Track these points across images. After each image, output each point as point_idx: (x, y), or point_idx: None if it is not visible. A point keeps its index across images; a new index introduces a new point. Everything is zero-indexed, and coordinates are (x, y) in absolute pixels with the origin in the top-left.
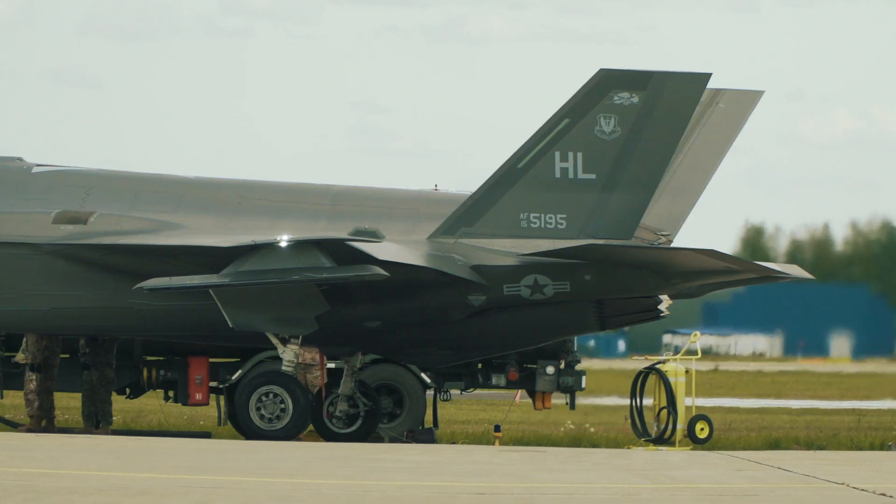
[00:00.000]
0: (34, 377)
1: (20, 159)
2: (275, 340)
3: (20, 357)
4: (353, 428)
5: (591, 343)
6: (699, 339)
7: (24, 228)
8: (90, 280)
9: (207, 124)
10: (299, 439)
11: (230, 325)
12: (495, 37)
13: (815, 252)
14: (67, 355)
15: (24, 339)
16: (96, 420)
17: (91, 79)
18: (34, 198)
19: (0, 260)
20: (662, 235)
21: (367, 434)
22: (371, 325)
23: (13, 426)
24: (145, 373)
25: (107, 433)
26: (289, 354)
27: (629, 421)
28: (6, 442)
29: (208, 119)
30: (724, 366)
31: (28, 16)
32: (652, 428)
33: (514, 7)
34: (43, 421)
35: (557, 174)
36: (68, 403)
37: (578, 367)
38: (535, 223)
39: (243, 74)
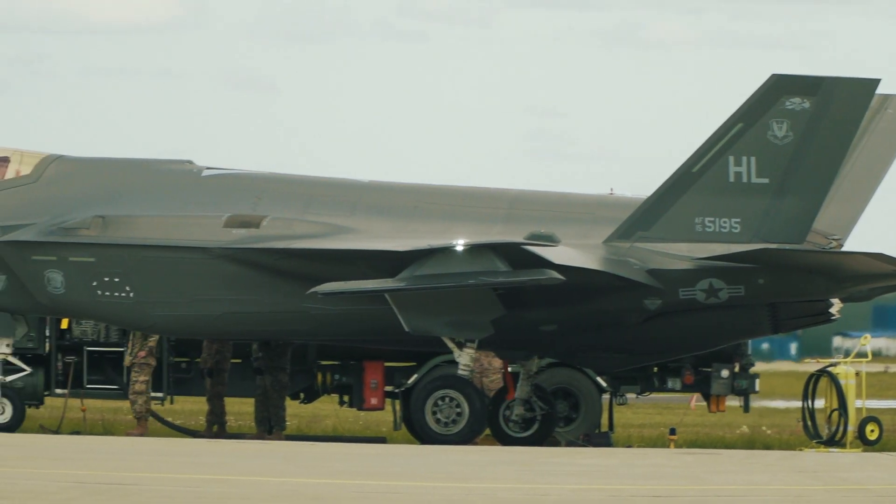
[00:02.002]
0: (139, 377)
1: (190, 162)
2: (451, 344)
3: (126, 359)
4: (530, 432)
5: (765, 346)
6: (869, 342)
7: (195, 232)
8: (263, 284)
9: (381, 128)
10: (475, 443)
11: (406, 329)
12: (670, 42)
13: None
14: (239, 360)
15: (130, 338)
16: (270, 425)
17: (264, 81)
18: (204, 201)
19: (171, 264)
20: (833, 240)
21: (543, 438)
22: (547, 329)
23: (190, 434)
24: (320, 377)
25: (280, 438)
26: (465, 358)
27: (801, 423)
28: (179, 448)
29: (382, 122)
30: (895, 368)
31: (200, 17)
32: (823, 430)
33: (688, 12)
34: (215, 427)
35: (731, 178)
36: (240, 409)
37: (752, 370)
38: (709, 227)
39: (418, 77)
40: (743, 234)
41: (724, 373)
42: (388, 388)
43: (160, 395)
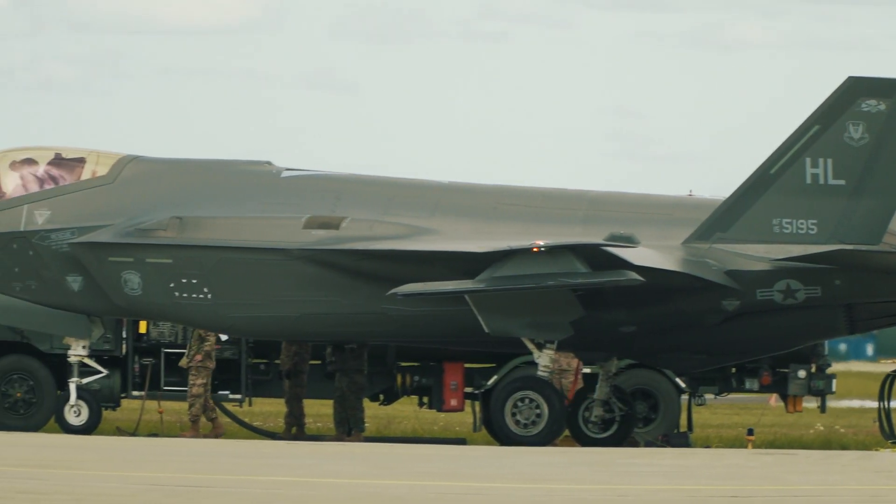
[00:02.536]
0: (196, 381)
1: (269, 163)
2: (531, 345)
3: (183, 361)
4: (609, 433)
5: (842, 347)
6: None
7: (274, 234)
8: (342, 285)
9: (463, 129)
10: (554, 444)
11: (486, 331)
12: (749, 44)
13: None
14: (318, 362)
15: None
16: (349, 427)
17: (345, 82)
18: (284, 203)
19: (249, 265)
20: None
21: (622, 438)
22: (626, 330)
23: (268, 436)
24: (399, 379)
25: (359, 440)
26: (545, 359)
27: (877, 423)
28: (257, 450)
29: (463, 124)
30: None
31: (280, 18)
32: None
33: (768, 15)
34: (293, 428)
35: (808, 180)
36: (319, 410)
37: (829, 370)
38: (787, 228)
39: (498, 78)
40: (819, 236)
41: (801, 373)
42: (468, 390)
43: (238, 396)
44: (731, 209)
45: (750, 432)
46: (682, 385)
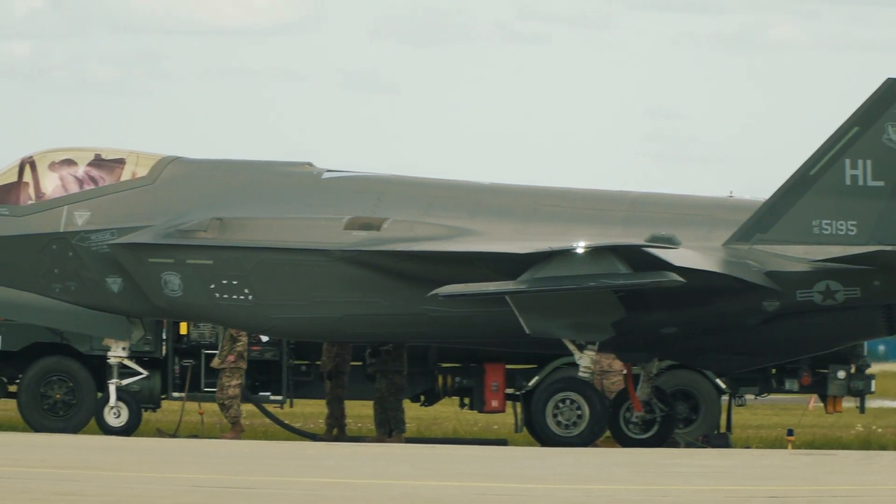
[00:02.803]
0: (231, 382)
1: (310, 164)
2: (572, 347)
3: (215, 362)
4: (650, 433)
5: (881, 348)
6: None
7: (315, 235)
8: (383, 286)
9: (501, 130)
10: (595, 445)
11: (527, 332)
12: (788, 45)
13: None
14: (359, 363)
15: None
16: (390, 428)
17: (384, 83)
18: (324, 204)
19: (290, 267)
20: None
21: (663, 439)
22: (667, 332)
23: (309, 437)
24: (440, 380)
25: (400, 441)
26: (586, 360)
27: None
28: (298, 451)
29: (502, 124)
30: None
31: (319, 18)
32: None
33: (807, 16)
34: (334, 430)
35: (847, 181)
36: (360, 411)
37: (868, 371)
38: (826, 230)
39: (538, 79)
40: (859, 237)
41: (841, 374)
42: (509, 391)
43: (279, 397)
44: (771, 210)
45: (790, 433)
46: (723, 386)
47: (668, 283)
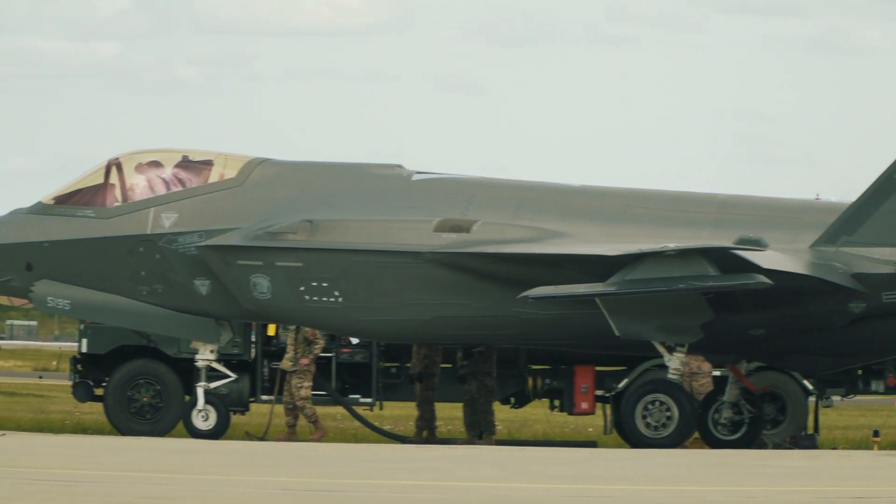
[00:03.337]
0: (303, 383)
1: (400, 167)
2: (661, 349)
3: (286, 364)
4: (738, 434)
5: None
6: None
7: (405, 237)
8: (473, 288)
9: (590, 131)
10: (684, 446)
11: (616, 334)
12: (876, 48)
13: None
14: (449, 365)
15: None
16: (479, 430)
17: (473, 84)
18: (414, 206)
19: (380, 268)
20: None
21: (751, 441)
22: (755, 333)
23: (399, 439)
24: (530, 382)
25: (490, 443)
26: (675, 362)
27: None
28: (387, 454)
29: (591, 126)
30: None
31: (409, 20)
32: None
33: (893, 19)
34: (424, 432)
35: None
36: (450, 413)
37: None
38: None
39: (627, 81)
40: None
41: None
42: (599, 393)
43: (369, 400)
44: (858, 213)
45: (876, 434)
46: (810, 387)
47: (756, 284)
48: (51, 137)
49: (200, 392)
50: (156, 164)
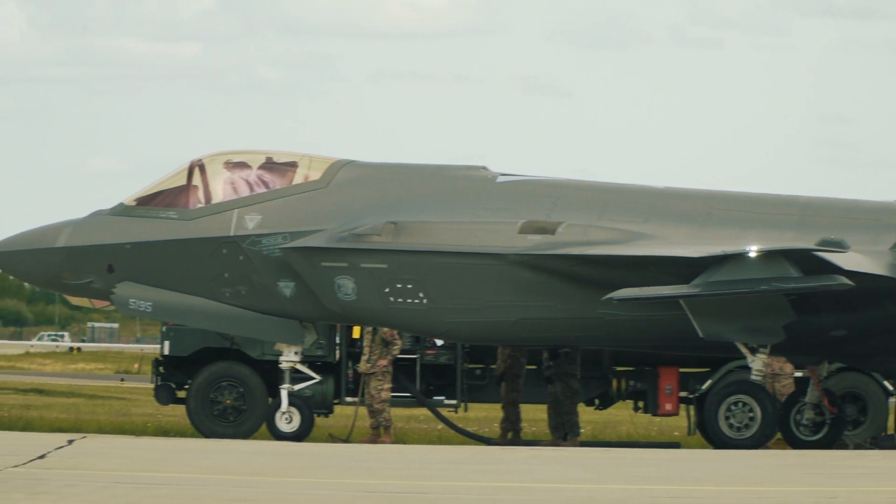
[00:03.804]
0: (383, 386)
1: (484, 168)
2: (744, 350)
3: (363, 366)
4: (819, 435)
5: None
6: None
7: (490, 238)
8: (558, 290)
9: (674, 133)
10: (767, 447)
11: (700, 335)
12: None
13: None
14: (534, 366)
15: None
16: (564, 432)
17: (558, 87)
18: (499, 207)
19: (465, 270)
20: None
21: (832, 441)
22: (836, 334)
23: (484, 441)
24: (614, 383)
25: (575, 445)
26: (758, 364)
27: None
28: (472, 455)
29: (675, 128)
30: None
31: (496, 23)
32: None
33: None
34: (509, 433)
35: None
36: (535, 415)
37: None
38: None
39: (711, 84)
40: None
41: None
42: (683, 394)
43: (454, 402)
44: None
45: None
46: (890, 388)
47: (838, 286)
48: (132, 139)
49: (284, 394)
50: (239, 166)
